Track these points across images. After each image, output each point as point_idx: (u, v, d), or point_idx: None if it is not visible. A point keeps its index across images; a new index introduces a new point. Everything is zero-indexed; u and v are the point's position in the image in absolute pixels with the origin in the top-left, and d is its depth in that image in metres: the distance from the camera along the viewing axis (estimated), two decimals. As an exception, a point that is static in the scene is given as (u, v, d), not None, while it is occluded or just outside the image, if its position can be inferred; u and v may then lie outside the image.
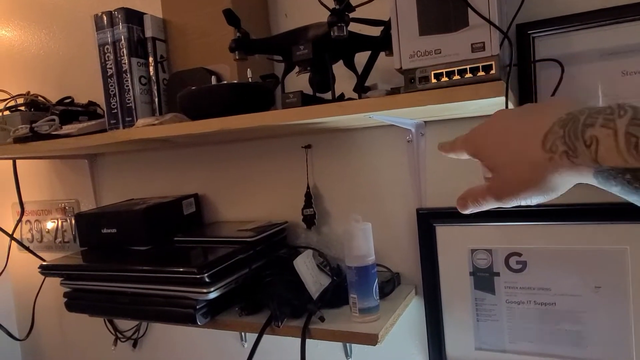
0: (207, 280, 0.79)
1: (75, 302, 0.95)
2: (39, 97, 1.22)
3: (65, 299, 0.95)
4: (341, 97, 0.76)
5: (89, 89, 1.24)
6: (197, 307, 0.81)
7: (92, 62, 1.23)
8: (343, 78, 0.86)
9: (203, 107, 0.76)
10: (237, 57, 0.72)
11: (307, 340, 0.77)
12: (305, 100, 0.68)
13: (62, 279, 0.96)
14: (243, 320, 0.83)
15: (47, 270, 0.95)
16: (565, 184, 0.36)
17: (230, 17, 0.69)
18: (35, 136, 0.97)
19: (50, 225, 1.36)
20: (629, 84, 0.74)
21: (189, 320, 0.81)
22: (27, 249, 1.30)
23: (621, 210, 0.76)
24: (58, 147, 0.92)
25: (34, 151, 0.96)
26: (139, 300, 0.87)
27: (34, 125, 0.98)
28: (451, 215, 0.87)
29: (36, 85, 1.32)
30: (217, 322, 0.84)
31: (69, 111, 1.11)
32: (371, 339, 0.72)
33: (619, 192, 0.33)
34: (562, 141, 0.33)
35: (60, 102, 1.18)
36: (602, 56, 0.75)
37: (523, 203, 0.38)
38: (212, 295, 0.80)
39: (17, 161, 1.31)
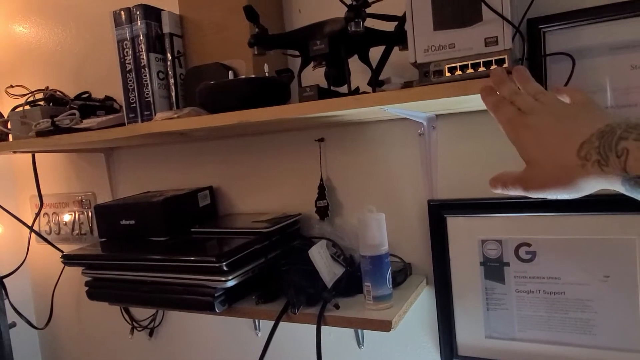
0: (225, 269, 0.82)
1: (97, 290, 0.98)
2: (57, 92, 1.25)
3: (87, 288, 0.98)
4: (356, 91, 0.78)
5: (105, 84, 1.27)
6: (216, 295, 0.84)
7: (108, 58, 1.25)
8: (356, 72, 0.88)
9: (222, 101, 0.78)
10: (256, 52, 0.74)
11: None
12: (322, 93, 0.70)
13: (83, 268, 0.99)
14: (260, 308, 0.85)
15: (69, 259, 0.98)
16: (592, 187, 0.39)
17: (250, 13, 0.71)
18: (56, 130, 1.00)
19: (67, 217, 1.39)
20: (638, 78, 0.75)
21: (208, 308, 0.84)
22: (46, 240, 1.34)
23: (630, 201, 0.77)
24: (79, 140, 0.94)
25: (55, 144, 0.99)
26: (158, 288, 0.90)
27: (55, 119, 1.01)
28: (462, 207, 0.89)
29: (54, 80, 1.35)
30: (234, 310, 0.87)
31: (87, 106, 1.14)
32: (385, 326, 0.75)
33: None
34: (597, 151, 0.36)
35: (78, 97, 1.21)
36: (611, 50, 0.77)
37: (548, 197, 0.42)
38: (230, 284, 0.83)
39: (36, 155, 1.34)
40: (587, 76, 0.78)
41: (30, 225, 1.34)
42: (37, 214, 1.38)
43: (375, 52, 0.79)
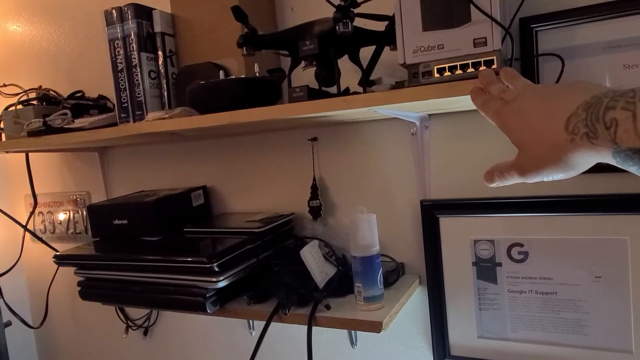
0: (216, 269, 0.82)
1: (89, 290, 0.98)
2: (51, 91, 1.24)
3: (80, 288, 0.98)
4: (346, 91, 0.78)
5: (98, 83, 1.26)
6: (207, 295, 0.84)
7: (101, 57, 1.25)
8: (348, 72, 0.88)
9: (212, 101, 0.78)
10: (245, 53, 0.73)
11: (313, 330, 0.79)
12: (312, 94, 0.69)
13: (76, 268, 0.99)
14: (251, 309, 0.85)
15: (61, 259, 0.98)
16: (585, 163, 0.38)
17: (238, 13, 0.70)
18: (48, 130, 1.00)
19: (62, 216, 1.39)
20: (631, 77, 0.75)
21: (199, 308, 0.84)
22: (41, 239, 1.33)
23: (622, 201, 0.77)
24: (71, 141, 0.94)
25: (47, 144, 0.99)
26: (150, 289, 0.90)
27: (47, 119, 1.00)
28: (454, 207, 0.89)
29: (47, 79, 1.35)
30: (226, 310, 0.87)
31: (80, 105, 1.13)
32: (376, 327, 0.75)
33: (636, 171, 0.35)
34: (584, 123, 0.35)
35: (72, 96, 1.20)
36: (604, 49, 0.76)
37: (545, 179, 0.41)
38: (222, 284, 0.83)
39: (30, 154, 1.34)
40: (580, 76, 0.78)
41: (24, 224, 1.33)
42: (32, 213, 1.38)
43: (367, 52, 0.78)
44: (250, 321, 1.15)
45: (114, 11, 0.97)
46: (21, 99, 1.17)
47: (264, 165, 1.08)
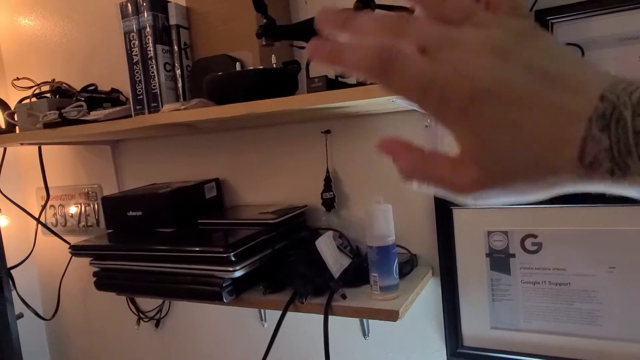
0: (232, 259, 0.82)
1: (105, 281, 0.98)
2: (64, 85, 1.25)
3: (95, 278, 0.99)
4: (364, 82, 0.78)
5: (111, 76, 1.27)
6: (223, 285, 0.84)
7: (114, 50, 1.25)
8: (364, 64, 0.88)
9: (229, 92, 0.79)
10: (263, 43, 0.74)
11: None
12: (330, 84, 0.70)
13: (91, 259, 0.99)
14: (267, 298, 0.86)
15: (77, 250, 0.99)
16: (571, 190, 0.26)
17: (258, 3, 0.71)
18: (64, 122, 1.00)
19: (73, 209, 1.40)
20: (647, 69, 0.75)
21: (216, 298, 0.85)
22: (53, 232, 1.34)
23: (637, 192, 0.78)
24: (87, 132, 0.95)
25: (63, 136, 1.00)
26: (166, 278, 0.91)
27: (62, 111, 1.01)
28: (468, 199, 0.89)
29: (60, 72, 1.35)
30: (242, 300, 0.87)
31: (94, 98, 1.14)
32: (392, 315, 0.75)
33: None
34: (609, 155, 0.23)
35: (85, 89, 1.21)
36: (620, 41, 0.77)
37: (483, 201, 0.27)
38: (238, 274, 0.83)
39: (42, 147, 1.35)
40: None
41: (37, 217, 1.34)
42: (44, 206, 1.39)
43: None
44: (262, 313, 1.16)
45: (129, 4, 0.98)
46: (35, 92, 1.18)
47: (277, 157, 1.09)
